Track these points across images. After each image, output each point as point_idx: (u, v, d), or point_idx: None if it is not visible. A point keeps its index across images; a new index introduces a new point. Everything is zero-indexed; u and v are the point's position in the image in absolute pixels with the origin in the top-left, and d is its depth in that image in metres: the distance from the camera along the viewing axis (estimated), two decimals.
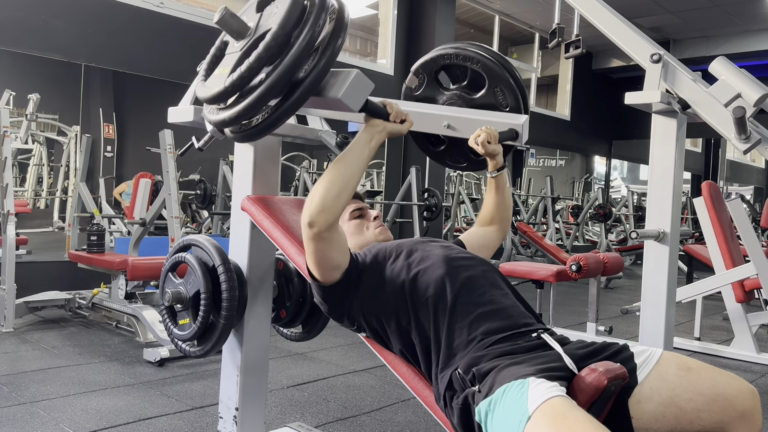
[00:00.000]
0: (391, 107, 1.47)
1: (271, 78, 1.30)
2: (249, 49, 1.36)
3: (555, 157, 12.30)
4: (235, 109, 1.36)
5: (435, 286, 1.44)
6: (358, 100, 1.39)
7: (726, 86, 1.84)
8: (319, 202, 1.37)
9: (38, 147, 6.45)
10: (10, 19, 4.63)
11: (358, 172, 1.42)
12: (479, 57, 1.84)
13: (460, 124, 1.77)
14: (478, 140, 1.66)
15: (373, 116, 1.46)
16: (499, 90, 1.84)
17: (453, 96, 1.91)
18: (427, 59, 1.93)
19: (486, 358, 1.32)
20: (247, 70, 1.30)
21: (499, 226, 1.83)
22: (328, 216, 1.37)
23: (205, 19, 5.68)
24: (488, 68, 1.84)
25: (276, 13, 1.33)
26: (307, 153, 8.43)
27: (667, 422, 1.31)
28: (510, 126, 1.73)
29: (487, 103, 1.86)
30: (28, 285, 4.37)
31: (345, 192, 1.39)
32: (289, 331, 2.16)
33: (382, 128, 1.46)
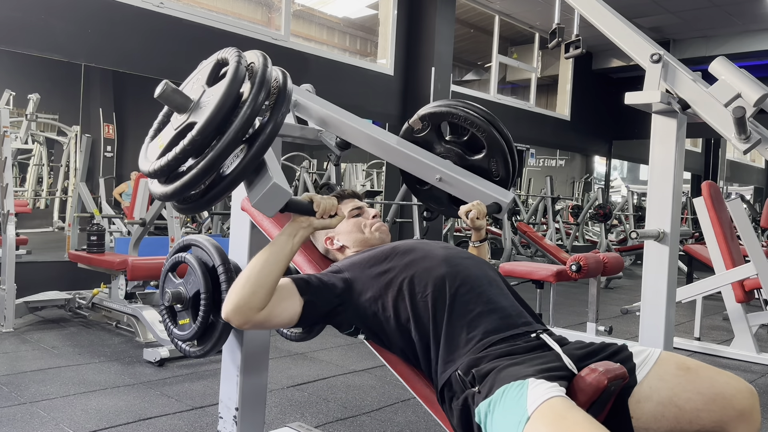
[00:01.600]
0: (318, 204, 1.43)
1: (192, 172, 1.28)
2: (182, 132, 1.33)
3: (555, 157, 12.30)
4: (168, 188, 1.34)
5: (434, 284, 1.44)
6: (272, 209, 1.37)
7: (726, 86, 1.84)
8: (233, 302, 1.37)
9: (38, 147, 6.45)
10: (10, 19, 4.63)
11: (278, 270, 1.39)
12: (485, 127, 1.91)
13: (452, 181, 1.84)
14: (469, 215, 1.72)
15: (297, 213, 1.43)
16: (494, 160, 1.92)
17: (450, 150, 1.98)
18: (436, 111, 1.98)
19: (486, 359, 1.32)
20: (173, 159, 1.28)
21: None
22: (243, 316, 1.36)
23: (205, 19, 5.68)
24: (491, 138, 1.91)
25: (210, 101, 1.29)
26: (307, 153, 8.43)
27: (667, 422, 1.32)
28: (497, 201, 1.81)
29: (480, 167, 1.93)
30: (28, 285, 4.37)
31: (261, 291, 1.37)
32: (289, 331, 2.16)
33: (307, 224, 1.43)
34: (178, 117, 1.37)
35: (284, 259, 1.41)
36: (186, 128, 1.32)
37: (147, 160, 1.39)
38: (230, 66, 1.31)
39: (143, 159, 1.41)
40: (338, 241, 1.72)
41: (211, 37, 5.57)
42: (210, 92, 1.34)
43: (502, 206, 1.81)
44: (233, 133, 1.26)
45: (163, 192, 1.36)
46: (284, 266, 1.41)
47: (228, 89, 1.27)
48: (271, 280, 1.39)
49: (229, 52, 1.36)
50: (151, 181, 1.44)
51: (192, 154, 1.29)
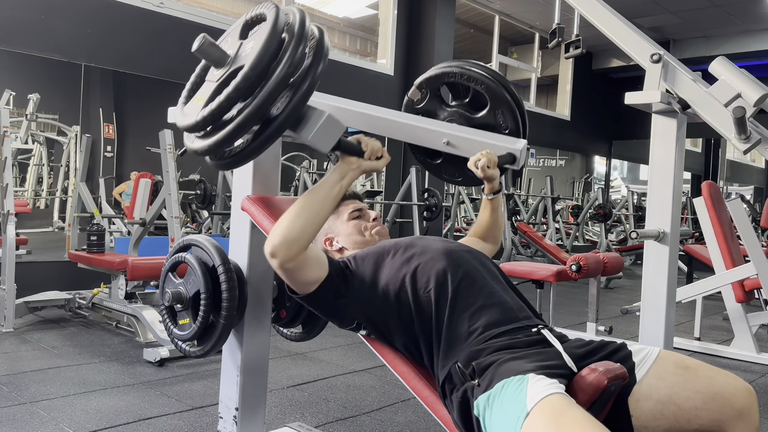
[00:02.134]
0: (366, 145, 1.46)
1: (241, 116, 1.29)
2: (225, 81, 1.34)
3: (555, 157, 12.30)
4: (208, 141, 1.35)
5: (436, 278, 1.45)
6: (328, 142, 1.38)
7: (726, 86, 1.85)
8: (282, 234, 1.37)
9: (38, 147, 6.44)
10: (10, 19, 4.63)
11: (326, 209, 1.42)
12: (483, 78, 1.86)
13: (460, 142, 1.78)
14: (478, 164, 1.68)
15: (346, 154, 1.45)
16: (500, 112, 1.86)
17: (454, 113, 1.93)
18: (431, 75, 1.94)
19: (486, 352, 1.32)
20: (217, 107, 1.29)
21: (491, 244, 1.87)
22: (290, 250, 1.37)
23: (205, 19, 5.68)
24: (491, 90, 1.86)
25: (253, 46, 1.30)
26: (307, 153, 8.43)
27: (666, 420, 1.32)
28: (508, 150, 1.75)
29: (486, 123, 1.88)
30: (28, 285, 4.37)
31: (309, 227, 1.39)
32: (289, 331, 2.16)
33: (356, 166, 1.45)
34: (216, 72, 1.38)
35: (333, 199, 1.43)
36: (229, 77, 1.32)
37: (186, 115, 1.39)
38: (270, 15, 1.31)
39: (181, 116, 1.41)
40: (337, 242, 1.73)
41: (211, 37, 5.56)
42: (248, 43, 1.35)
43: (515, 155, 1.74)
44: (283, 71, 1.27)
45: (206, 144, 1.35)
46: (332, 208, 1.43)
47: (271, 32, 1.28)
48: (320, 219, 1.41)
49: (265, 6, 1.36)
50: (190, 139, 1.44)
51: (239, 100, 1.29)
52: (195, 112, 1.35)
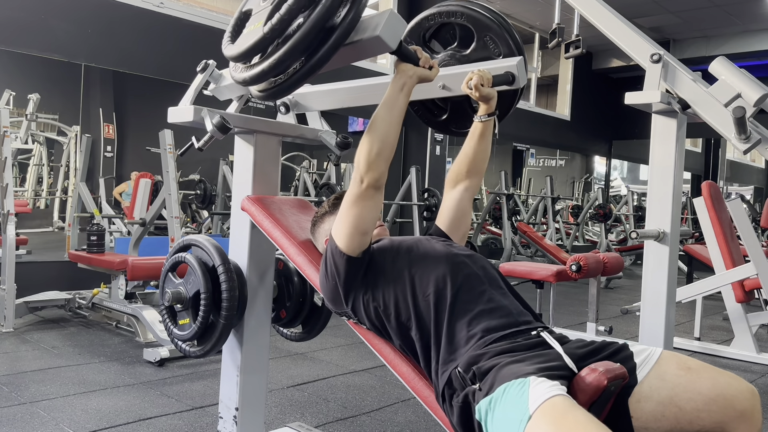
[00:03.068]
0: (420, 52, 1.49)
1: (309, 21, 1.31)
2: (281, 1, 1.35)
3: (555, 157, 12.30)
4: (274, 57, 1.36)
5: (436, 282, 1.44)
6: (395, 37, 1.42)
7: (726, 86, 1.84)
8: (368, 150, 1.43)
9: (38, 147, 6.44)
10: (10, 19, 4.63)
11: (395, 124, 1.46)
12: (461, 10, 1.81)
13: (454, 81, 1.70)
14: (471, 84, 1.60)
15: (403, 60, 1.48)
16: (489, 39, 1.78)
17: (445, 57, 1.87)
18: (412, 25, 1.90)
19: (486, 356, 1.32)
20: (286, 12, 1.31)
21: (471, 181, 1.73)
22: (379, 162, 1.43)
23: (205, 19, 5.68)
24: (473, 19, 1.79)
25: None
26: (307, 153, 8.43)
27: (667, 422, 1.31)
28: (505, 69, 1.65)
29: (480, 56, 1.80)
30: (28, 285, 4.37)
31: (386, 148, 1.44)
32: (289, 331, 2.16)
33: (412, 73, 1.48)
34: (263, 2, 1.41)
35: (398, 114, 1.47)
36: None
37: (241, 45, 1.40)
38: None
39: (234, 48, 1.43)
40: None
41: (211, 37, 5.55)
42: None
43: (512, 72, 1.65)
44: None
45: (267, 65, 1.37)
46: (401, 116, 1.47)
47: None
48: (392, 139, 1.46)
49: None
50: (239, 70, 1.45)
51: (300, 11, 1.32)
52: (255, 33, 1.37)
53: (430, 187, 7.00)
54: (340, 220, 1.48)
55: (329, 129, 2.13)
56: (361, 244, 1.48)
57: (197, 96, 1.90)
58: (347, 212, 1.46)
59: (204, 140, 1.82)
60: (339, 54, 1.40)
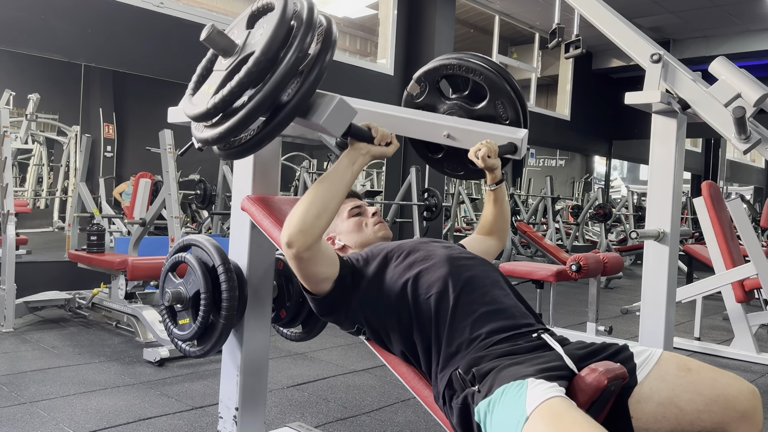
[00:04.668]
0: (376, 130, 1.46)
1: (252, 102, 1.29)
2: (234, 68, 1.34)
3: (555, 157, 12.30)
4: (218, 130, 1.35)
5: (437, 285, 1.44)
6: (340, 126, 1.38)
7: (726, 86, 1.85)
8: (298, 222, 1.37)
9: (38, 147, 6.45)
10: (10, 19, 4.63)
11: (339, 195, 1.41)
12: (481, 69, 1.85)
13: (460, 134, 1.77)
14: (479, 154, 1.67)
15: (357, 140, 1.45)
16: (499, 103, 1.85)
17: (454, 106, 1.92)
18: (430, 68, 1.93)
19: (486, 358, 1.32)
20: (228, 93, 1.29)
21: (498, 237, 1.85)
22: (307, 237, 1.37)
23: (205, 19, 5.68)
24: (490, 81, 1.85)
25: (262, 33, 1.31)
26: (307, 153, 8.43)
27: (667, 423, 1.31)
28: (509, 140, 1.74)
29: (487, 114, 1.87)
30: (28, 285, 4.37)
31: (324, 214, 1.39)
32: (289, 331, 2.16)
33: (366, 151, 1.45)
34: (224, 61, 1.38)
35: (345, 185, 1.43)
36: (239, 64, 1.33)
37: (195, 105, 1.39)
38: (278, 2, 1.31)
39: (190, 106, 1.41)
40: (339, 240, 1.72)
41: None
42: (257, 31, 1.35)
43: (516, 144, 1.72)
44: (293, 57, 1.27)
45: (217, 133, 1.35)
46: (345, 193, 1.43)
47: (281, 19, 1.28)
48: (334, 205, 1.41)
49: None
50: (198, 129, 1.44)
51: (250, 86, 1.29)
52: (204, 100, 1.35)
53: (430, 187, 7.00)
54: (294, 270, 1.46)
55: None
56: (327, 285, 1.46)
57: None
58: (293, 267, 1.44)
59: None
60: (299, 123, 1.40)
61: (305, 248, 1.37)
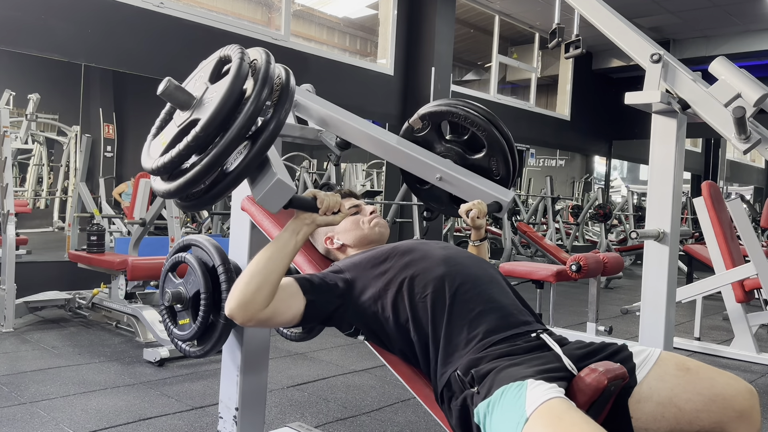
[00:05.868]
0: (321, 201, 1.42)
1: (196, 168, 1.28)
2: (186, 128, 1.33)
3: (555, 157, 12.30)
4: (171, 186, 1.34)
5: (434, 285, 1.44)
6: (276, 204, 1.37)
7: (726, 86, 1.85)
8: (238, 298, 1.35)
9: (38, 147, 6.45)
10: (10, 19, 4.63)
11: (282, 265, 1.39)
12: (486, 126, 1.91)
13: (452, 180, 1.84)
14: (470, 214, 1.72)
15: (300, 210, 1.43)
16: (494, 160, 1.92)
17: (450, 150, 1.98)
18: (436, 111, 1.99)
19: (485, 359, 1.32)
20: (176, 156, 1.28)
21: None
22: (247, 311, 1.35)
23: (205, 19, 5.68)
24: (493, 138, 1.91)
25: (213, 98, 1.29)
26: (307, 153, 8.43)
27: (666, 422, 1.32)
28: (498, 200, 1.81)
29: (480, 166, 1.94)
30: (28, 285, 4.37)
31: (265, 287, 1.36)
32: (289, 331, 2.16)
33: (310, 221, 1.43)
34: (181, 114, 1.37)
35: (287, 256, 1.41)
36: (189, 125, 1.32)
37: (150, 157, 1.39)
38: (233, 63, 1.30)
39: (146, 156, 1.41)
40: (338, 240, 1.72)
41: (211, 37, 5.58)
42: (213, 89, 1.34)
43: (502, 205, 1.81)
44: (236, 130, 1.26)
45: (166, 189, 1.36)
46: (287, 263, 1.41)
47: (231, 86, 1.27)
48: (275, 276, 1.38)
49: (232, 49, 1.35)
50: (154, 179, 1.44)
51: (195, 151, 1.28)
52: (156, 155, 1.35)
53: None
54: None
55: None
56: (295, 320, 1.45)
57: None
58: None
59: None
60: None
61: (248, 320, 1.37)
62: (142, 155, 1.42)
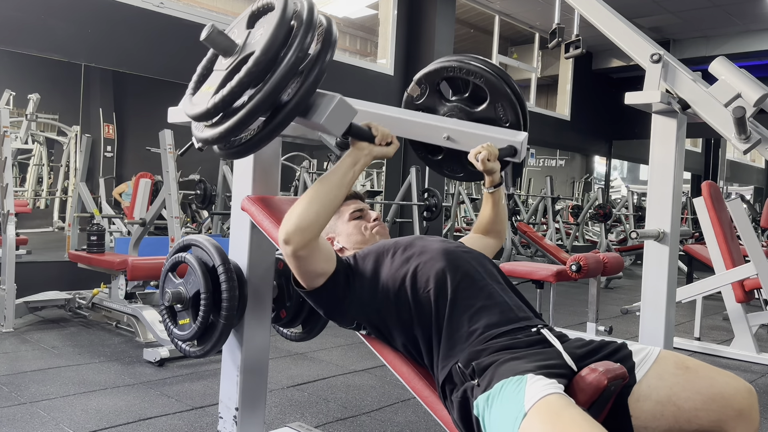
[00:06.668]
0: (376, 130, 1.46)
1: (253, 102, 1.29)
2: (235, 68, 1.34)
3: (555, 157, 12.30)
4: (218, 129, 1.35)
5: (436, 279, 1.45)
6: (341, 125, 1.38)
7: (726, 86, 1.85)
8: (296, 221, 1.37)
9: (38, 147, 6.44)
10: (10, 19, 4.63)
11: (340, 196, 1.42)
12: (482, 72, 1.85)
13: (460, 137, 1.78)
14: (479, 157, 1.68)
15: (358, 139, 1.45)
16: (500, 105, 1.86)
17: (454, 108, 1.92)
18: (430, 70, 1.94)
19: (486, 352, 1.33)
20: (229, 93, 1.29)
21: (495, 238, 1.86)
22: (304, 236, 1.37)
23: (205, 19, 5.68)
24: (490, 83, 1.85)
25: (262, 33, 1.31)
26: (307, 153, 8.42)
27: (666, 421, 1.32)
28: (509, 143, 1.74)
29: (487, 117, 1.87)
30: (28, 285, 4.37)
31: (323, 214, 1.39)
32: (289, 331, 2.16)
33: (367, 152, 1.46)
34: (224, 61, 1.39)
35: (346, 185, 1.43)
36: (239, 64, 1.33)
37: (195, 105, 1.39)
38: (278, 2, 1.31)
39: (190, 106, 1.41)
40: (338, 242, 1.73)
41: None
42: (255, 32, 1.35)
43: (516, 147, 1.73)
44: (293, 57, 1.27)
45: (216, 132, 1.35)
46: (345, 194, 1.44)
47: (281, 19, 1.28)
48: (334, 205, 1.41)
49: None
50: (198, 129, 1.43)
51: (248, 87, 1.29)
52: (205, 100, 1.35)
53: (430, 187, 7.00)
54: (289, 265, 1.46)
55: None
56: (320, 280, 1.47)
57: None
58: (288, 263, 1.44)
59: None
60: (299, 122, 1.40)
61: (302, 246, 1.38)
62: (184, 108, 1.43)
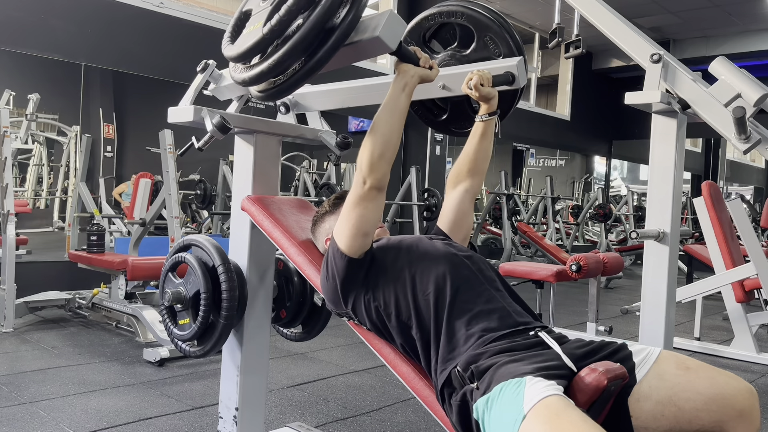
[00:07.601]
0: (419, 52, 1.49)
1: (308, 22, 1.31)
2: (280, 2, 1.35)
3: (555, 157, 12.30)
4: (273, 58, 1.36)
5: (436, 282, 1.45)
6: (395, 38, 1.42)
7: (726, 86, 1.84)
8: (369, 156, 1.43)
9: (38, 147, 6.45)
10: (10, 19, 4.63)
11: (398, 125, 1.46)
12: (461, 10, 1.80)
13: (455, 81, 1.70)
14: (471, 84, 1.60)
15: (404, 60, 1.48)
16: (489, 39, 1.78)
17: (445, 57, 1.86)
18: (412, 25, 1.89)
19: (485, 355, 1.32)
20: (286, 13, 1.31)
21: (472, 181, 1.72)
22: (381, 166, 1.43)
23: (205, 19, 5.68)
24: (473, 19, 1.78)
25: None
26: (307, 153, 8.43)
27: (666, 421, 1.32)
28: (505, 69, 1.65)
29: (481, 57, 1.80)
30: (28, 285, 4.37)
31: (391, 141, 1.45)
32: (289, 331, 2.16)
33: (413, 73, 1.48)
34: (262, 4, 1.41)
35: (400, 115, 1.47)
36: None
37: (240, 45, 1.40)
38: None
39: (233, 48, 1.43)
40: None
41: (211, 37, 5.56)
42: None
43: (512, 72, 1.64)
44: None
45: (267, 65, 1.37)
46: (402, 119, 1.47)
47: None
48: (396, 131, 1.46)
49: None
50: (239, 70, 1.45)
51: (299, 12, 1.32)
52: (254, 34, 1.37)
53: (430, 187, 7.00)
54: (342, 222, 1.48)
55: (329, 129, 2.13)
56: (362, 245, 1.48)
57: (197, 96, 1.90)
58: (349, 214, 1.46)
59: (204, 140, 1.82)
60: (339, 54, 1.40)
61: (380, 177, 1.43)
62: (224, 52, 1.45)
